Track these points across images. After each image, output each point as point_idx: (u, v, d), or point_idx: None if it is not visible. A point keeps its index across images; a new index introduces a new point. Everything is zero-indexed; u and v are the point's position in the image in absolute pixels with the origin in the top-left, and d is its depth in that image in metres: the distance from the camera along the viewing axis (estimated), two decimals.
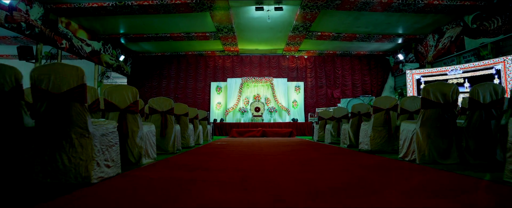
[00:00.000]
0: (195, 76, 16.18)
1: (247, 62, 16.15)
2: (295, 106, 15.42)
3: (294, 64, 16.20)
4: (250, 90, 15.45)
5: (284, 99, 14.72)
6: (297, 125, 11.20)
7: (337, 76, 16.16)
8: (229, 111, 14.49)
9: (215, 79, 16.07)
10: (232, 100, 14.68)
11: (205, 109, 15.85)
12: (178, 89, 16.11)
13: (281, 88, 14.80)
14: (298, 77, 16.13)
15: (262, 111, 14.11)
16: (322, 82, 16.13)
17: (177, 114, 5.91)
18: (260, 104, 14.25)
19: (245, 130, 9.66)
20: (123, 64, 15.11)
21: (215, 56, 16.23)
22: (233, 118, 15.01)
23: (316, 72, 16.21)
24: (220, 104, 15.46)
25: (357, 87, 16.13)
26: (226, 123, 11.23)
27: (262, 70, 16.10)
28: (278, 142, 7.53)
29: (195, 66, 16.24)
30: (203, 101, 16.02)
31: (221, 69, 16.15)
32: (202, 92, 16.07)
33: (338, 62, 16.22)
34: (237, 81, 14.81)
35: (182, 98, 16.05)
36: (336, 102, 15.84)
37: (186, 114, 6.07)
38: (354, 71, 16.25)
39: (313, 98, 16.02)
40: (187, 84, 16.13)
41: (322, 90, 16.09)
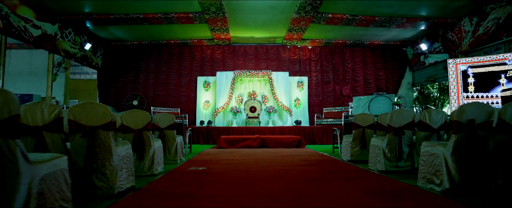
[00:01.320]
0: (178, 69, 13.61)
1: (241, 53, 13.64)
2: (297, 105, 12.98)
3: (296, 56, 13.75)
4: (244, 87, 12.96)
5: (285, 97, 12.27)
6: (303, 130, 8.77)
7: (347, 70, 13.77)
8: (218, 111, 11.98)
9: (202, 73, 13.53)
10: (222, 98, 12.16)
11: (190, 108, 13.33)
12: (158, 85, 13.54)
13: (282, 84, 12.34)
14: (301, 71, 13.69)
15: (258, 111, 11.65)
16: (329, 77, 13.72)
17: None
18: (256, 102, 11.78)
19: (238, 139, 7.21)
20: (91, 54, 12.46)
21: (202, 46, 13.68)
22: (223, 119, 12.51)
23: (322, 65, 13.79)
24: (208, 103, 12.93)
25: (370, 84, 13.77)
26: (213, 128, 8.72)
27: (258, 62, 13.61)
28: (288, 160, 5.06)
29: (179, 58, 13.67)
30: (188, 99, 13.47)
31: (210, 61, 13.61)
32: (187, 88, 13.52)
33: (347, 54, 13.83)
34: (228, 75, 12.29)
35: (163, 96, 13.48)
36: (345, 101, 13.46)
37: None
38: (366, 65, 13.88)
39: (319, 96, 13.60)
40: (169, 79, 13.56)
41: (329, 86, 13.68)
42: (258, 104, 11.72)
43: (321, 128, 8.65)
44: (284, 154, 5.81)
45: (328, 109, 12.09)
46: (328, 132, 8.51)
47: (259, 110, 11.66)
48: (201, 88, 13.11)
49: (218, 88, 12.21)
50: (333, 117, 11.44)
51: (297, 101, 13.01)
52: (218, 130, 8.51)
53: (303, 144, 7.10)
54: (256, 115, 11.60)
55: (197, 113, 12.97)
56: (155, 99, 13.44)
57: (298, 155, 5.68)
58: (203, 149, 7.20)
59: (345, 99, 13.59)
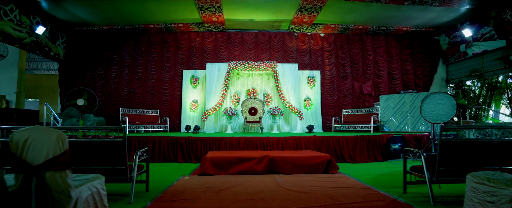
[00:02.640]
0: (160, 61, 10.97)
1: (238, 42, 11.04)
2: (308, 105, 10.40)
3: (306, 46, 11.17)
4: (242, 82, 10.35)
5: (293, 95, 9.67)
6: (325, 142, 6.09)
7: (367, 63, 11.22)
8: (208, 113, 9.34)
9: (189, 66, 10.90)
10: (213, 97, 9.53)
11: (174, 109, 10.69)
12: (134, 81, 10.88)
13: (290, 79, 9.74)
14: (311, 64, 11.11)
15: (260, 114, 9.05)
16: (345, 71, 11.16)
17: None
18: (257, 103, 9.18)
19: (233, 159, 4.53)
20: (47, 42, 9.77)
21: (190, 33, 11.05)
22: (215, 124, 9.89)
23: (338, 57, 11.22)
24: (196, 103, 10.29)
25: (395, 80, 11.24)
26: (198, 138, 5.98)
27: (259, 53, 11.01)
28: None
29: (161, 47, 11.03)
30: (171, 98, 10.83)
31: (199, 51, 10.98)
32: (171, 85, 10.87)
33: (368, 44, 11.28)
34: (221, 68, 9.67)
35: (140, 94, 10.82)
36: (366, 101, 10.90)
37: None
38: (390, 57, 11.34)
39: (333, 95, 11.04)
40: (148, 74, 10.91)
41: (346, 83, 11.12)
42: (260, 105, 9.13)
43: (352, 140, 6.04)
44: (317, 194, 3.20)
45: (348, 111, 9.53)
46: (362, 143, 5.96)
47: (260, 112, 9.06)
48: (187, 84, 10.47)
49: (208, 84, 9.58)
50: (356, 121, 8.88)
51: (307, 101, 10.43)
52: (204, 142, 5.89)
53: (335, 166, 4.52)
54: (257, 118, 9.00)
55: (182, 115, 10.34)
56: (130, 99, 10.78)
57: (344, 198, 3.08)
58: (177, 175, 4.59)
59: (366, 99, 11.04)
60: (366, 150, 6.00)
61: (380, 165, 5.65)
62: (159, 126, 8.97)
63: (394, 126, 8.93)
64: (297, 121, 9.43)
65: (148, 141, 5.96)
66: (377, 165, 5.57)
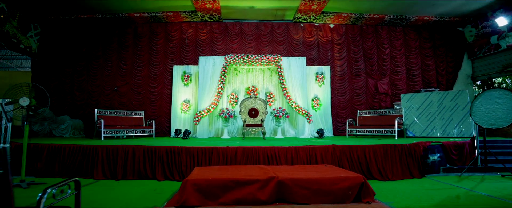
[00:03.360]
0: (147, 56, 9.63)
1: (236, 33, 9.70)
2: (317, 106, 9.06)
3: (313, 38, 9.84)
4: (241, 79, 9.02)
5: (300, 94, 8.31)
6: (347, 152, 4.69)
7: (383, 58, 9.88)
8: (201, 115, 7.99)
9: (181, 60, 9.56)
10: (207, 95, 8.18)
11: (163, 110, 9.36)
12: (119, 78, 9.54)
13: (297, 75, 8.39)
14: (320, 59, 9.78)
15: (262, 116, 7.71)
16: (358, 67, 9.82)
17: None
18: (258, 103, 7.84)
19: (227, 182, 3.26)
20: (16, 32, 8.43)
21: (181, 24, 9.71)
22: (209, 128, 8.56)
23: (349, 51, 9.89)
24: (188, 103, 8.96)
25: (415, 77, 9.91)
26: (182, 148, 4.59)
27: (260, 46, 9.67)
28: None
29: (148, 40, 9.69)
30: (160, 97, 9.49)
31: (192, 44, 9.64)
32: (159, 82, 9.53)
33: (383, 36, 9.95)
34: (216, 62, 8.32)
35: (125, 93, 9.49)
36: (382, 101, 9.58)
37: None
38: (409, 51, 10.01)
39: (345, 94, 9.70)
40: (134, 70, 9.57)
41: (359, 80, 9.78)
42: (261, 105, 7.79)
43: (381, 150, 4.65)
44: None
45: (365, 112, 8.19)
46: (393, 154, 4.60)
47: (262, 114, 7.72)
48: (178, 82, 9.13)
49: (202, 81, 8.23)
50: (374, 124, 7.55)
51: (315, 101, 9.09)
52: (190, 154, 4.53)
53: (370, 191, 3.20)
54: (258, 121, 7.66)
55: (172, 117, 9.00)
56: (114, 98, 9.44)
57: None
58: (150, 202, 3.26)
59: (382, 98, 9.71)
60: (399, 163, 4.66)
61: (419, 184, 4.32)
62: (144, 130, 7.63)
63: (420, 130, 7.60)
64: (305, 124, 8.09)
65: (119, 151, 4.62)
66: (417, 185, 4.24)
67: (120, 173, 4.59)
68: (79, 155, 4.73)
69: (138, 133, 7.50)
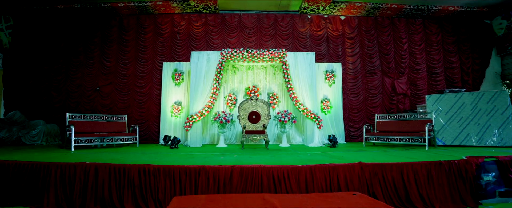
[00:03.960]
0: (134, 52, 8.50)
1: (234, 26, 8.56)
2: (327, 108, 7.93)
3: (322, 31, 8.70)
4: (239, 78, 7.89)
5: (309, 95, 7.14)
6: (370, 172, 3.56)
7: (401, 54, 8.73)
8: (193, 119, 6.83)
9: (171, 57, 8.44)
10: (200, 97, 7.02)
11: (151, 114, 8.26)
12: (101, 77, 8.42)
13: (304, 72, 7.22)
14: (330, 55, 8.64)
15: (264, 121, 6.56)
16: (373, 64, 8.68)
17: None
18: (260, 105, 6.69)
19: None
20: None
21: (172, 15, 8.58)
22: (203, 134, 7.44)
23: (363, 46, 8.74)
24: (179, 106, 7.83)
25: (437, 75, 8.75)
26: (159, 168, 3.47)
27: (262, 40, 8.54)
28: None
29: (135, 34, 8.57)
30: (148, 99, 8.36)
31: (185, 38, 8.51)
32: (147, 81, 8.41)
33: (401, 29, 8.80)
34: (211, 57, 7.16)
35: (108, 94, 8.37)
36: (400, 102, 8.44)
37: None
38: (430, 46, 8.86)
39: (358, 95, 8.55)
40: (119, 67, 8.44)
41: (374, 79, 8.64)
42: (264, 108, 6.64)
43: (423, 169, 3.47)
44: None
45: (384, 116, 7.01)
46: (439, 175, 3.45)
47: (265, 118, 6.57)
48: (168, 81, 8.01)
49: (194, 79, 7.07)
50: (397, 130, 6.40)
51: (325, 103, 7.95)
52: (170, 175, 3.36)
53: None
54: (260, 127, 6.51)
55: (161, 121, 7.87)
56: (96, 100, 8.32)
57: None
58: None
59: (400, 100, 8.56)
60: (447, 187, 3.51)
61: None
62: (125, 138, 6.49)
63: (451, 137, 6.45)
64: (314, 130, 6.94)
65: (77, 171, 3.49)
66: None
67: (78, 200, 3.46)
68: (26, 175, 3.60)
69: (118, 141, 6.36)
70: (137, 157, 4.51)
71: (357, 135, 8.38)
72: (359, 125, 8.41)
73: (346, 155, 4.72)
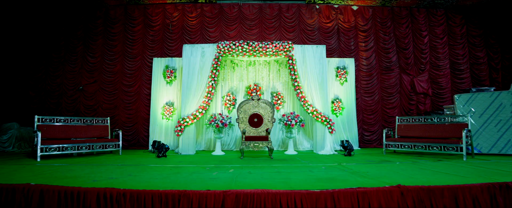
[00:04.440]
0: (121, 46, 7.61)
1: (233, 17, 7.64)
2: (338, 110, 6.99)
3: (332, 23, 7.75)
4: (239, 75, 6.95)
5: (318, 94, 6.18)
6: (414, 201, 2.64)
7: (421, 48, 7.76)
8: (185, 123, 5.90)
9: (163, 52, 7.53)
10: (193, 97, 6.08)
11: (140, 116, 7.40)
12: (85, 74, 7.52)
13: (313, 68, 6.25)
14: (341, 49, 7.69)
15: (267, 125, 5.61)
16: (390, 60, 7.71)
17: None
18: (262, 106, 5.73)
19: None
20: None
21: (164, 5, 7.68)
22: (197, 139, 6.55)
23: (378, 39, 7.79)
24: (171, 107, 6.93)
25: (462, 72, 7.77)
26: (128, 195, 2.63)
27: (264, 33, 7.62)
28: None
29: (123, 26, 7.67)
30: (137, 99, 7.46)
31: (178, 31, 7.61)
32: (136, 79, 7.50)
33: (421, 20, 7.83)
34: (206, 51, 6.22)
35: (92, 93, 7.49)
36: (420, 103, 7.49)
37: None
38: (454, 39, 7.87)
39: (373, 94, 7.60)
40: (105, 64, 7.55)
41: (391, 77, 7.68)
42: (267, 109, 5.70)
43: (485, 194, 2.57)
44: None
45: (407, 119, 6.03)
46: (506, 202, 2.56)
47: (268, 122, 5.63)
48: (159, 79, 7.10)
49: (186, 76, 6.14)
50: (425, 135, 5.44)
51: (336, 103, 7.01)
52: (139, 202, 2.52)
53: None
54: (262, 131, 5.57)
55: (151, 125, 6.96)
56: (79, 100, 7.43)
57: None
58: None
59: (420, 100, 7.59)
60: None
61: None
62: (105, 145, 5.57)
63: (488, 144, 5.48)
64: (325, 135, 5.98)
65: (16, 196, 2.58)
66: None
67: None
68: None
69: (98, 148, 5.45)
70: (107, 172, 3.60)
71: (372, 140, 7.43)
72: (374, 128, 7.47)
73: (371, 169, 3.77)
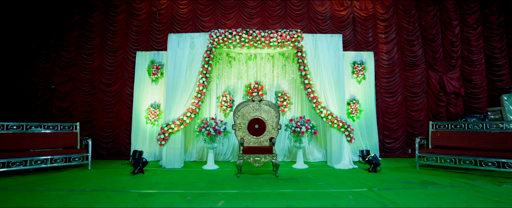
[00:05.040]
0: (101, 38, 6.52)
1: (231, 5, 6.54)
2: (355, 113, 5.87)
3: (346, 11, 6.63)
4: (237, 72, 5.83)
5: (334, 94, 5.05)
6: None
7: (452, 40, 6.59)
8: (170, 129, 4.78)
9: (149, 44, 6.45)
10: (180, 98, 4.97)
11: (122, 119, 6.37)
12: (58, 72, 6.44)
13: (328, 62, 5.12)
14: (357, 42, 6.56)
15: (271, 132, 4.48)
16: (415, 54, 6.57)
17: None
18: (265, 109, 4.60)
19: None
20: None
21: None
22: (187, 147, 5.47)
23: (401, 30, 6.65)
24: (157, 109, 5.84)
25: (500, 68, 6.60)
26: None
27: (267, 23, 6.51)
28: None
29: (103, 15, 6.59)
30: (118, 100, 6.37)
31: (167, 21, 6.52)
32: (118, 77, 6.41)
33: (450, 8, 6.68)
34: (196, 42, 5.12)
35: (66, 93, 6.41)
36: (451, 104, 6.36)
37: None
38: (490, 29, 6.71)
39: (396, 94, 6.46)
40: (81, 59, 6.47)
41: (416, 74, 6.54)
42: (271, 114, 4.56)
43: None
44: None
45: (444, 125, 4.88)
46: None
47: (272, 129, 4.50)
48: (143, 75, 6.02)
49: (172, 73, 5.04)
50: (468, 145, 4.30)
51: (353, 105, 5.89)
52: None
53: None
54: (265, 141, 4.45)
55: (133, 130, 5.88)
56: (51, 101, 6.36)
57: None
58: None
59: (451, 101, 6.44)
60: None
61: None
62: (70, 158, 4.48)
63: None
64: (343, 144, 4.87)
65: None
66: None
67: None
68: None
69: (59, 162, 4.36)
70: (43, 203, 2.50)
71: (395, 148, 6.30)
72: (397, 134, 6.34)
73: (419, 201, 2.64)
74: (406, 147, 6.40)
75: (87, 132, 6.18)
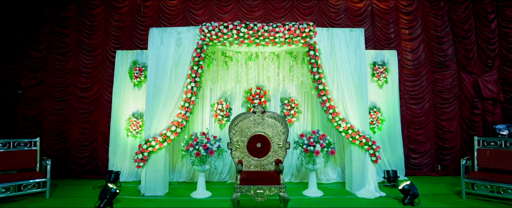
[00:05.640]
0: (76, 35, 5.59)
1: None
2: (376, 123, 4.88)
3: (363, 3, 5.66)
4: (235, 74, 4.83)
5: (354, 101, 4.06)
6: None
7: (487, 37, 5.60)
8: (150, 147, 3.81)
9: (132, 43, 5.50)
10: (163, 107, 3.99)
11: (100, 131, 5.41)
12: (26, 74, 5.49)
13: (347, 63, 4.13)
14: (376, 39, 5.59)
15: (277, 153, 3.49)
16: (445, 53, 5.59)
17: None
18: (269, 123, 3.61)
19: None
20: None
21: None
22: (177, 165, 4.51)
23: (427, 24, 5.67)
24: (139, 119, 4.87)
25: None
26: None
27: (271, 17, 5.56)
28: None
29: (78, 8, 5.68)
30: (95, 107, 5.42)
31: (153, 15, 5.57)
32: (96, 80, 5.47)
33: (485, 1, 5.68)
34: (184, 38, 4.15)
35: (35, 100, 5.45)
36: (488, 112, 5.36)
37: None
38: None
39: (422, 100, 5.49)
40: (53, 59, 5.53)
41: (446, 76, 5.56)
42: (277, 129, 3.58)
43: None
44: None
45: (496, 141, 3.89)
46: None
47: (278, 148, 3.52)
48: (123, 79, 5.08)
49: (154, 76, 4.06)
50: None
51: (374, 114, 4.92)
52: None
53: None
54: (269, 164, 3.48)
55: (111, 144, 4.94)
56: (16, 108, 5.41)
57: None
58: None
59: (488, 108, 5.45)
60: None
61: None
62: (21, 185, 3.53)
63: None
64: (366, 165, 3.90)
65: None
66: None
67: None
68: None
69: (5, 192, 3.40)
70: None
71: (422, 164, 5.34)
72: (424, 148, 5.38)
73: None
74: (436, 163, 5.43)
75: (59, 145, 5.25)
